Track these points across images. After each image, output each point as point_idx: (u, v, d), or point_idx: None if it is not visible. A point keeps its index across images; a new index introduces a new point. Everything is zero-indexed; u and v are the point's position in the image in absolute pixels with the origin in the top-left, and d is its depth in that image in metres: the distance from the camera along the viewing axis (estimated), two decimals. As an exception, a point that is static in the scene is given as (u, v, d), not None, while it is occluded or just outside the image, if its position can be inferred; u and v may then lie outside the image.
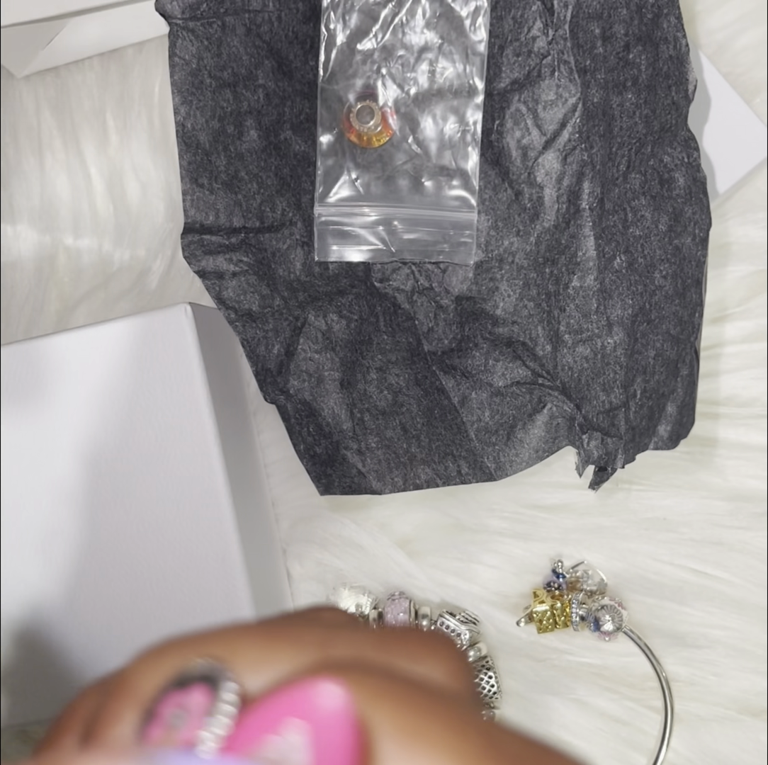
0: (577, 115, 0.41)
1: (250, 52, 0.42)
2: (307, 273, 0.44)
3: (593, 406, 0.44)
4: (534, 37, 0.42)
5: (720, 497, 0.48)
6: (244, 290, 0.44)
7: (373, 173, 0.43)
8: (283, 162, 0.43)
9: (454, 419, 0.45)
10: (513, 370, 0.44)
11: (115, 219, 0.52)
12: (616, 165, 0.42)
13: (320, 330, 0.45)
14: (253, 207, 0.43)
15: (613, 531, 0.49)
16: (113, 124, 0.52)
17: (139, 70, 0.51)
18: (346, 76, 0.42)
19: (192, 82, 0.42)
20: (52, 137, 0.52)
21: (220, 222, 0.43)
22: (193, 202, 0.43)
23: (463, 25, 0.42)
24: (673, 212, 0.43)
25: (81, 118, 0.52)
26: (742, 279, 0.49)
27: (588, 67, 0.41)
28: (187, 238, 0.43)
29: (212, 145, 0.42)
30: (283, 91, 0.43)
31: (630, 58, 0.42)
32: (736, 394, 0.49)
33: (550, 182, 0.42)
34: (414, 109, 0.42)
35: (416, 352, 0.45)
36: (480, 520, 0.50)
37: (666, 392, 0.44)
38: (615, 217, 0.43)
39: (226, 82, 0.42)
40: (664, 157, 0.43)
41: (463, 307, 0.44)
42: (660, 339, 0.44)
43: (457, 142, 0.42)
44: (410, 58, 0.42)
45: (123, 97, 0.52)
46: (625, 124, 0.42)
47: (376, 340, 0.45)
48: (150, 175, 0.51)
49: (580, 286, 0.43)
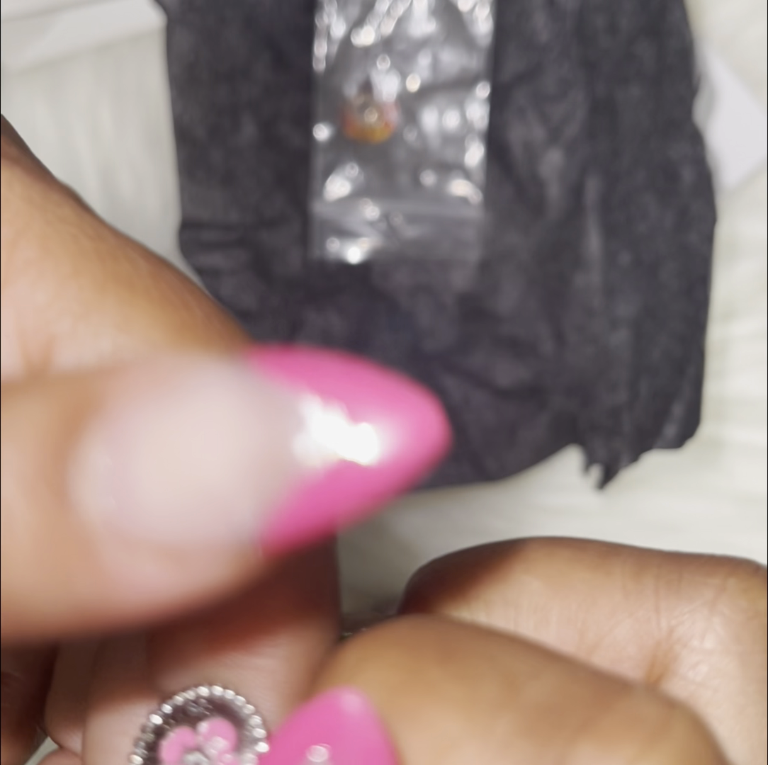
0: (581, 110, 0.41)
1: (248, 44, 0.42)
2: (306, 270, 0.44)
3: (597, 406, 0.43)
4: (537, 31, 0.41)
5: (727, 499, 0.48)
6: (242, 288, 0.44)
7: (373, 168, 0.43)
8: (282, 157, 0.43)
9: (455, 419, 0.44)
10: (515, 369, 0.44)
11: (110, 214, 0.51)
12: (621, 160, 0.42)
13: (319, 328, 0.45)
14: (250, 203, 0.43)
15: (618, 533, 0.49)
16: (108, 118, 0.51)
17: (135, 64, 0.51)
18: (346, 69, 0.42)
19: (188, 75, 0.42)
20: (47, 132, 0.52)
21: (216, 218, 0.43)
22: (189, 198, 0.43)
23: (464, 18, 0.41)
24: (679, 208, 0.43)
25: (76, 112, 0.51)
26: (750, 276, 0.49)
27: (592, 60, 0.41)
28: (184, 234, 0.43)
29: (209, 139, 0.42)
30: (281, 84, 0.42)
31: (635, 51, 0.41)
32: (743, 393, 0.49)
33: (554, 178, 0.42)
34: (415, 103, 0.42)
35: (417, 350, 0.44)
36: (481, 522, 0.50)
37: (672, 392, 0.44)
38: (619, 213, 0.42)
39: (223, 76, 0.42)
40: (670, 151, 0.43)
41: (464, 305, 0.44)
42: (665, 337, 0.43)
43: (459, 136, 0.42)
44: (411, 50, 0.42)
45: (118, 91, 0.51)
46: (630, 119, 0.42)
47: (376, 339, 0.44)
48: (146, 170, 0.51)
49: (584, 283, 0.42)
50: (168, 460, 0.11)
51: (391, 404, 0.11)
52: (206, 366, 0.11)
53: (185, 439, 0.11)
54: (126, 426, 0.11)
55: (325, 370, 0.11)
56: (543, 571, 0.16)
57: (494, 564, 0.16)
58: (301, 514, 0.11)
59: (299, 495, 0.11)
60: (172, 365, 0.11)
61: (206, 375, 0.11)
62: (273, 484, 0.11)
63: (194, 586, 0.11)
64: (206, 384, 0.11)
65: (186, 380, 0.11)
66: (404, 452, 0.11)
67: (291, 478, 0.11)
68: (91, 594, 0.11)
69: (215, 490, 0.11)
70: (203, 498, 0.11)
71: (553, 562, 0.16)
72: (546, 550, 0.16)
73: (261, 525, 0.11)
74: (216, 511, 0.11)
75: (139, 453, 0.11)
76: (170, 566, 0.11)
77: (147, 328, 0.13)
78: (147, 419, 0.11)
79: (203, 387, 0.11)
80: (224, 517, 0.11)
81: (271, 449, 0.11)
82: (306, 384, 0.11)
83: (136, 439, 0.11)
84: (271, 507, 0.11)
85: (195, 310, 0.13)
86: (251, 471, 0.11)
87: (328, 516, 0.11)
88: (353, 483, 0.11)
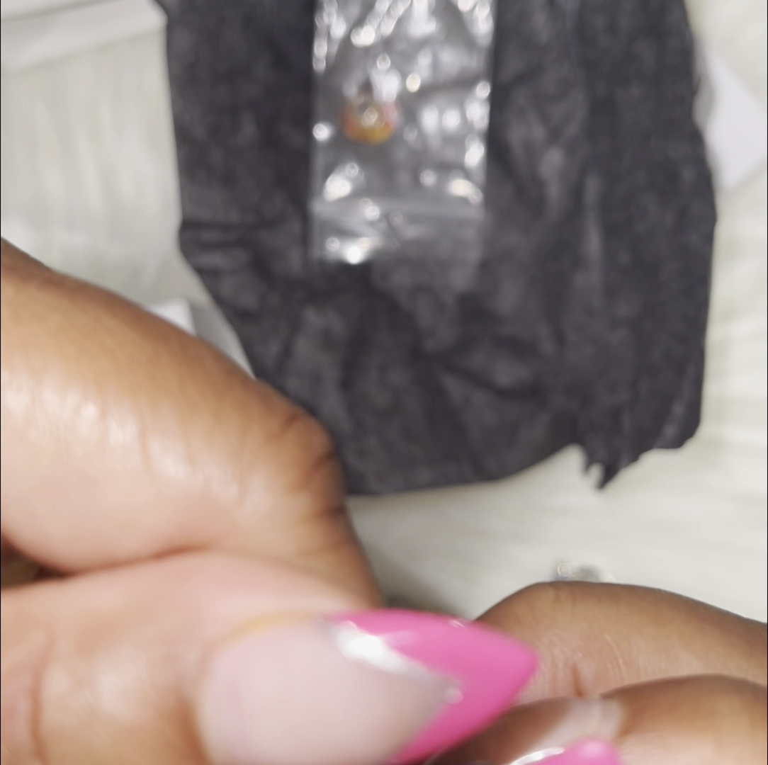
0: (581, 110, 0.41)
1: (248, 44, 0.41)
2: (306, 270, 0.44)
3: (597, 406, 0.43)
4: (537, 31, 0.41)
5: (727, 499, 0.48)
6: (242, 288, 0.44)
7: (373, 168, 0.43)
8: (282, 157, 0.43)
9: (455, 419, 0.44)
10: (516, 369, 0.44)
11: (110, 214, 0.51)
12: (621, 160, 0.42)
13: (319, 328, 0.44)
14: (250, 203, 0.43)
15: (618, 533, 0.49)
16: (108, 118, 0.51)
17: (135, 64, 0.51)
18: (346, 69, 0.42)
19: (188, 75, 0.42)
20: (47, 132, 0.52)
21: (217, 218, 0.43)
22: (189, 198, 0.42)
23: (464, 18, 0.41)
24: (679, 208, 0.43)
25: (75, 112, 0.51)
26: (750, 276, 0.49)
27: (592, 60, 0.41)
28: (184, 234, 0.43)
29: (209, 139, 0.42)
30: (281, 84, 0.42)
31: (635, 51, 0.41)
32: (744, 393, 0.49)
33: (554, 178, 0.42)
34: (415, 103, 0.42)
35: (417, 351, 0.44)
36: (482, 522, 0.49)
37: (672, 391, 0.44)
38: (619, 213, 0.42)
39: (224, 76, 0.42)
40: (670, 151, 0.43)
41: (464, 305, 0.43)
42: (665, 337, 0.43)
43: (459, 136, 0.42)
44: (411, 50, 0.42)
45: (118, 91, 0.51)
46: (630, 119, 0.42)
47: (377, 339, 0.44)
48: (145, 170, 0.51)
49: (584, 283, 0.42)
50: (293, 732, 0.11)
51: (495, 665, 0.12)
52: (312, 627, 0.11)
53: (308, 708, 0.11)
54: (243, 691, 0.11)
55: (431, 634, 0.12)
56: (701, 651, 0.15)
57: (650, 632, 0.16)
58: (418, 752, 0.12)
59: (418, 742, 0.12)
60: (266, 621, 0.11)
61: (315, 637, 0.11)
62: (395, 743, 0.11)
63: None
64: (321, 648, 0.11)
65: (290, 638, 0.11)
66: (501, 702, 0.12)
67: (412, 737, 0.11)
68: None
69: (345, 749, 0.11)
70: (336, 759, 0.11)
71: (708, 642, 0.16)
72: (696, 625, 0.16)
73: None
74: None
75: (262, 721, 0.11)
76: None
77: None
78: (262, 681, 0.11)
79: (318, 652, 0.11)
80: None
81: (395, 717, 0.11)
82: (421, 654, 0.11)
83: (257, 708, 0.11)
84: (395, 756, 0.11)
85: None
86: (375, 738, 0.11)
87: (431, 750, 0.12)
88: (459, 728, 0.12)
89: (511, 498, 0.49)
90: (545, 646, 0.15)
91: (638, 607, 0.16)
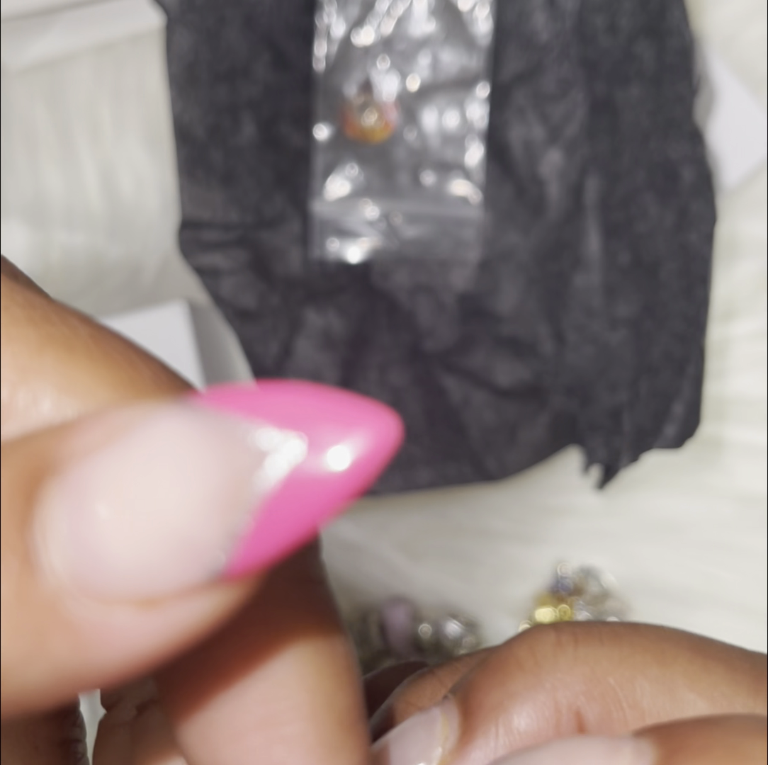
0: (581, 110, 0.41)
1: (248, 44, 0.41)
2: (305, 270, 0.44)
3: (597, 406, 0.43)
4: (537, 31, 0.41)
5: (727, 498, 0.48)
6: (242, 287, 0.44)
7: (373, 168, 0.42)
8: (282, 157, 0.43)
9: (455, 419, 0.44)
10: (515, 369, 0.44)
11: (110, 214, 0.51)
12: (621, 160, 0.42)
13: (319, 328, 0.44)
14: (250, 203, 0.43)
15: (618, 533, 0.49)
16: (108, 118, 0.51)
17: (135, 64, 0.51)
18: (346, 69, 0.42)
19: (188, 75, 0.41)
20: (47, 132, 0.52)
21: (216, 218, 0.43)
22: (189, 198, 0.42)
23: (464, 18, 0.41)
24: (679, 208, 0.43)
25: (75, 112, 0.51)
26: (750, 275, 0.49)
27: (592, 60, 0.41)
28: (184, 234, 0.43)
29: (209, 139, 0.42)
30: (281, 84, 0.42)
31: (635, 50, 0.41)
32: (743, 393, 0.48)
33: (554, 178, 0.42)
34: (415, 102, 0.42)
35: (417, 351, 0.44)
36: (482, 522, 0.49)
37: (672, 391, 0.44)
38: (619, 213, 0.42)
39: (223, 76, 0.42)
40: (669, 151, 0.42)
41: (464, 305, 0.43)
42: (665, 337, 0.43)
43: (459, 136, 0.42)
44: (411, 50, 0.41)
45: (118, 91, 0.51)
46: (630, 119, 0.42)
47: (377, 339, 0.44)
48: (145, 170, 0.51)
49: (584, 283, 0.42)
50: (127, 508, 0.11)
51: (344, 421, 0.11)
52: (155, 408, 0.11)
53: (142, 484, 0.11)
54: (82, 481, 0.11)
55: (276, 398, 0.11)
56: (706, 690, 0.15)
57: (654, 672, 0.15)
58: (271, 535, 0.11)
59: (265, 520, 0.11)
60: (121, 414, 0.11)
61: (155, 416, 0.11)
62: (239, 514, 0.11)
63: (176, 630, 0.11)
64: (156, 424, 0.11)
65: (136, 425, 0.11)
66: (360, 464, 0.11)
67: (255, 505, 0.11)
68: (71, 657, 0.11)
69: (180, 531, 0.11)
70: (169, 541, 0.11)
71: (713, 681, 0.15)
72: (700, 663, 0.15)
73: (232, 555, 0.11)
74: (184, 551, 0.11)
75: (97, 507, 0.11)
76: (147, 615, 0.11)
77: (91, 386, 0.12)
78: (101, 471, 0.11)
79: (153, 428, 0.11)
80: (193, 556, 0.11)
81: (232, 480, 0.11)
82: (258, 413, 0.11)
83: (94, 493, 0.11)
84: (240, 536, 0.11)
85: (142, 368, 0.13)
86: (215, 506, 0.11)
87: (294, 532, 0.11)
88: (314, 499, 0.11)
89: (511, 498, 0.49)
90: (548, 691, 0.15)
91: (641, 647, 0.15)
